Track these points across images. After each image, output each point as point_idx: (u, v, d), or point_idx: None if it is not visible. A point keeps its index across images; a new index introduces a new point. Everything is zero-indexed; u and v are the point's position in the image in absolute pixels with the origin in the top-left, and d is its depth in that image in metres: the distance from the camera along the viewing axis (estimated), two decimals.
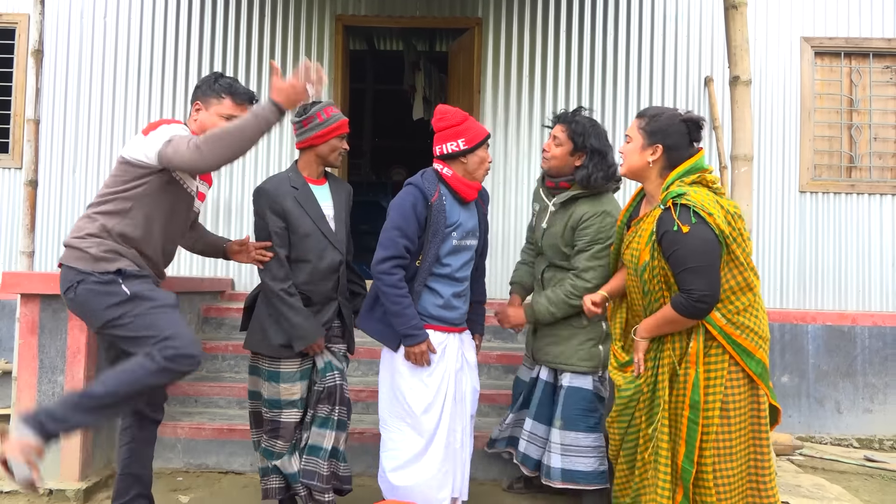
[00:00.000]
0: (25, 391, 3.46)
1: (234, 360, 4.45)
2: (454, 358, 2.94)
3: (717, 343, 2.54)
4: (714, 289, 2.46)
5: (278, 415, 2.96)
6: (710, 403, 2.53)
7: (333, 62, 5.51)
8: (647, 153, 2.64)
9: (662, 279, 2.58)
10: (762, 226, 5.34)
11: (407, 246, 2.84)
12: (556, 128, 3.24)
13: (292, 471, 2.96)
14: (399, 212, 2.87)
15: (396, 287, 2.82)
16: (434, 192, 2.89)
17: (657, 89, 5.38)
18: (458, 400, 2.95)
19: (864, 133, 5.40)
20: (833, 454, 4.65)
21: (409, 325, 2.82)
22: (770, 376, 2.70)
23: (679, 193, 2.51)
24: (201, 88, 2.78)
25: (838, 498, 3.76)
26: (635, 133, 2.68)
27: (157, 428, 2.89)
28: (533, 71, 5.43)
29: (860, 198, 5.34)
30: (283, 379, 2.95)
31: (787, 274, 5.33)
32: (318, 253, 2.96)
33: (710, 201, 2.50)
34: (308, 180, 3.03)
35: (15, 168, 5.31)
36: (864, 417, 5.18)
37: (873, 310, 5.30)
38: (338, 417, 2.98)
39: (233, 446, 3.79)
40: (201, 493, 3.51)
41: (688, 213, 2.47)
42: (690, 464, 2.53)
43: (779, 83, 5.37)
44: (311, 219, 2.95)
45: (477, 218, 3.04)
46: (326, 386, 2.97)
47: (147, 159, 2.54)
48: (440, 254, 2.90)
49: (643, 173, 2.69)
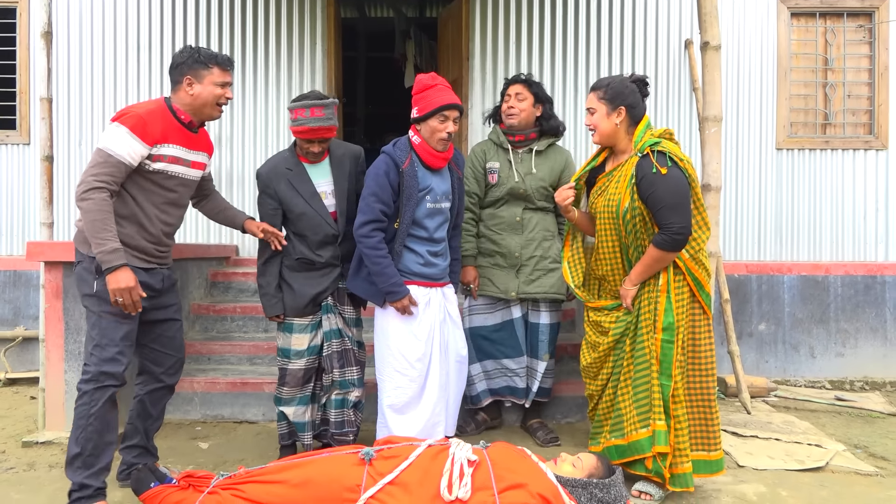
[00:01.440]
0: (53, 351, 3.74)
1: (241, 321, 4.73)
2: (437, 310, 3.23)
3: (681, 276, 2.96)
4: (688, 222, 2.85)
5: (286, 363, 3.28)
6: (680, 325, 2.94)
7: (326, 31, 5.66)
8: (614, 117, 2.97)
9: (640, 220, 2.93)
10: (741, 182, 5.58)
11: (383, 210, 3.10)
12: (514, 87, 3.62)
13: (303, 420, 3.30)
14: (374, 179, 3.13)
15: (376, 248, 3.09)
16: (405, 159, 3.13)
17: (639, 52, 5.58)
18: (443, 348, 3.24)
19: (838, 91, 5.61)
20: (806, 395, 4.97)
21: (390, 283, 3.10)
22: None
23: (655, 142, 2.88)
24: (186, 63, 2.86)
25: (805, 432, 4.08)
26: (597, 104, 3.01)
27: (168, 391, 3.13)
28: (520, 38, 5.62)
29: (834, 153, 5.59)
30: (293, 330, 3.28)
31: (764, 227, 5.59)
32: (313, 228, 3.24)
33: (679, 150, 2.89)
34: (304, 160, 3.27)
35: (23, 144, 5.52)
36: (836, 361, 5.51)
37: (846, 259, 5.57)
38: (352, 377, 3.31)
39: (246, 398, 4.10)
40: (219, 440, 3.81)
41: (664, 158, 2.84)
42: (668, 379, 2.93)
43: (756, 44, 5.56)
44: (303, 199, 3.22)
45: (450, 181, 3.28)
46: (333, 350, 3.27)
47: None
48: (416, 216, 3.16)
49: (614, 135, 3.02)
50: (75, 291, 3.70)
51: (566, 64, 5.58)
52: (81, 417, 2.70)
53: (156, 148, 2.78)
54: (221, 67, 2.90)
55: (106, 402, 2.72)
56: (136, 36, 5.54)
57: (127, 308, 2.70)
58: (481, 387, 3.80)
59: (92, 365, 2.73)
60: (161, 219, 2.89)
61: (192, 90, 2.87)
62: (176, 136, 2.87)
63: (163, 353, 3.03)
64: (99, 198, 2.65)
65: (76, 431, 2.71)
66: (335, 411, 3.29)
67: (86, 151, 5.49)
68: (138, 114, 2.76)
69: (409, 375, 3.16)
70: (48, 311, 3.74)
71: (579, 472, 2.79)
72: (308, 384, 3.32)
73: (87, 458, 2.70)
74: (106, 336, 2.74)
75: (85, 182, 2.67)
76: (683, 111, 5.56)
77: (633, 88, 3.01)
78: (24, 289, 5.43)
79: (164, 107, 2.88)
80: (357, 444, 3.11)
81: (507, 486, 2.60)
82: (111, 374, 2.73)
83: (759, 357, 5.48)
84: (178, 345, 3.09)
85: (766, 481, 3.33)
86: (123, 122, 2.72)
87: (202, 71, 2.87)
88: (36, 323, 5.32)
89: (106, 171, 2.68)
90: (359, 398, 3.33)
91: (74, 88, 5.51)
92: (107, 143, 2.71)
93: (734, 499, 3.13)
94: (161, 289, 2.95)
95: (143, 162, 2.77)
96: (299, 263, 3.27)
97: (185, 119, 2.91)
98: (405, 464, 2.71)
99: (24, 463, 3.46)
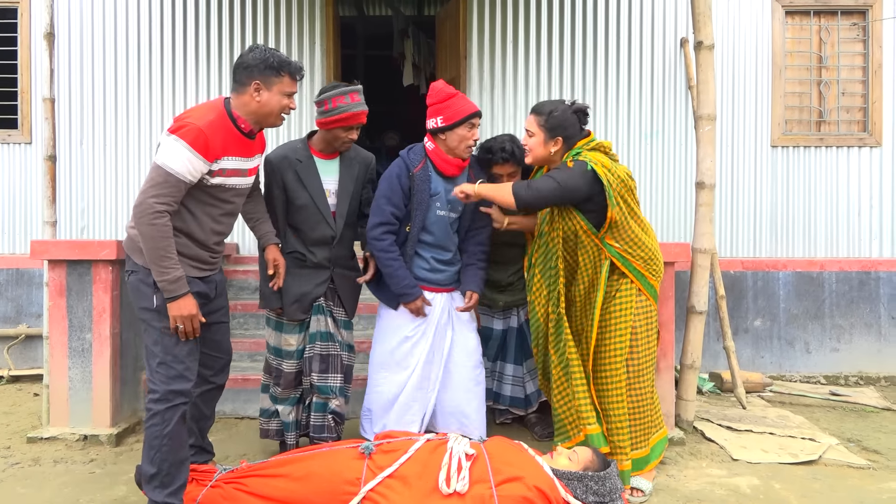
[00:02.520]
0: (57, 348, 3.79)
1: (243, 318, 4.78)
2: (438, 314, 3.28)
3: (625, 279, 3.07)
4: (539, 197, 2.98)
5: (280, 363, 3.28)
6: (626, 327, 3.08)
7: (325, 30, 5.70)
8: (550, 145, 3.09)
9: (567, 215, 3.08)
10: (736, 180, 5.63)
11: (394, 213, 3.15)
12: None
13: (288, 420, 3.31)
14: (386, 181, 3.19)
15: (387, 251, 3.14)
16: (418, 163, 3.18)
17: (635, 51, 5.62)
18: (436, 350, 3.29)
19: (832, 89, 5.66)
20: (801, 390, 5.02)
21: (402, 285, 3.16)
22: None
23: (577, 153, 3.03)
24: (257, 67, 2.66)
25: (799, 426, 4.14)
26: (536, 129, 3.09)
27: (219, 390, 3.07)
28: (517, 37, 5.66)
29: (828, 151, 5.63)
30: (283, 329, 3.27)
31: (759, 224, 5.64)
32: (312, 225, 3.19)
33: (604, 160, 2.99)
34: (316, 154, 3.22)
35: (24, 143, 5.56)
36: (831, 356, 5.56)
37: (840, 256, 5.62)
38: (334, 385, 3.23)
39: (247, 394, 4.15)
40: (221, 435, 3.86)
41: (582, 163, 2.96)
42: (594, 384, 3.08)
43: (751, 42, 5.60)
44: (308, 193, 3.16)
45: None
46: (316, 353, 3.22)
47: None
48: (425, 222, 3.20)
49: (547, 160, 3.15)
50: (78, 289, 3.77)
51: (563, 63, 5.62)
52: (155, 438, 2.60)
53: (216, 163, 2.61)
54: (292, 77, 2.73)
55: (178, 420, 2.62)
56: (137, 36, 5.58)
57: (186, 335, 2.61)
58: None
59: (160, 383, 2.61)
60: (215, 229, 2.76)
61: (259, 97, 2.68)
62: (235, 147, 2.69)
63: (212, 355, 2.94)
64: (161, 223, 2.51)
65: (150, 451, 2.62)
66: (316, 414, 3.25)
67: (87, 151, 5.53)
68: (199, 127, 2.55)
69: (393, 379, 3.26)
70: (52, 308, 3.79)
71: (575, 465, 2.85)
72: (299, 386, 3.32)
73: (165, 477, 2.62)
74: (170, 353, 2.62)
75: (145, 204, 2.51)
76: (679, 109, 5.60)
77: (574, 120, 3.07)
78: (26, 287, 5.47)
79: (223, 115, 2.67)
80: (357, 439, 3.16)
81: (504, 479, 2.66)
82: (180, 392, 2.62)
83: (755, 353, 5.53)
84: (227, 347, 3.03)
85: (759, 474, 3.39)
86: (183, 137, 2.52)
87: (273, 78, 2.68)
88: (38, 321, 5.36)
89: (166, 192, 2.52)
90: (339, 407, 3.24)
91: (76, 88, 5.55)
92: (165, 159, 2.52)
93: (728, 492, 3.18)
94: (213, 295, 2.86)
95: (202, 178, 2.62)
96: (291, 258, 3.21)
97: (245, 128, 2.72)
98: (404, 457, 2.77)
99: (30, 458, 3.51)
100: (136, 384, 4.09)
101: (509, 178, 3.47)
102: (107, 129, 5.56)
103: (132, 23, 5.58)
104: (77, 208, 5.53)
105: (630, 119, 5.62)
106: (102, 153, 5.55)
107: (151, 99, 5.57)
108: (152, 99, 5.57)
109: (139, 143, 5.55)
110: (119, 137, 5.55)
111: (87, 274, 3.76)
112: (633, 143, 5.61)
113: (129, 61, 5.57)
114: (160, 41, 5.59)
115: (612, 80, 5.62)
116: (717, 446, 3.78)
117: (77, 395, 3.80)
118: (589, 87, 5.60)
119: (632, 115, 5.61)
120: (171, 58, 5.59)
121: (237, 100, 2.70)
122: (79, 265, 3.77)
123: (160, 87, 5.57)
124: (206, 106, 2.71)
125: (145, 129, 5.56)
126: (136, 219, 2.53)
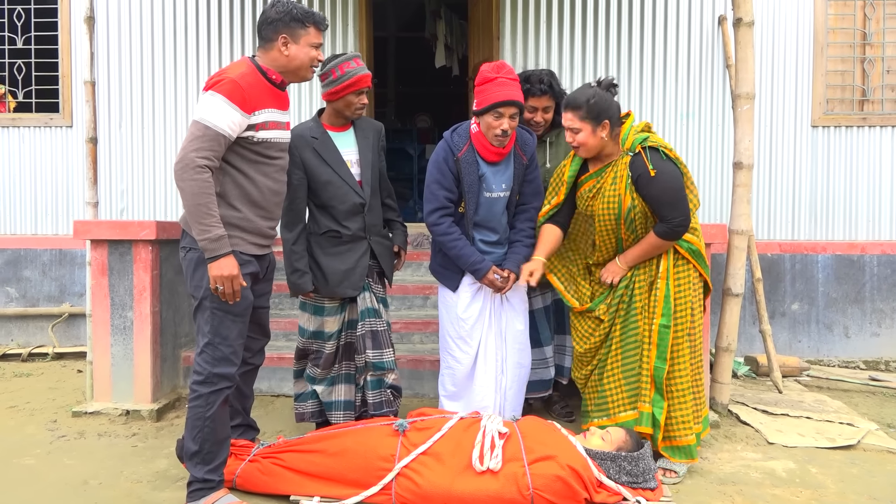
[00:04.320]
0: (100, 326, 3.90)
1: (277, 298, 4.84)
2: (490, 294, 3.26)
3: (683, 260, 3.08)
4: (687, 213, 2.98)
5: (322, 345, 3.30)
6: (687, 307, 3.08)
7: (357, 11, 5.70)
8: (600, 132, 3.02)
9: (641, 215, 3.05)
10: (775, 160, 5.51)
11: (447, 196, 3.15)
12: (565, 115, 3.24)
13: (329, 400, 3.32)
14: (434, 166, 3.19)
15: (447, 234, 3.15)
16: (463, 146, 3.14)
17: (671, 30, 5.51)
18: (496, 333, 3.28)
19: (876, 66, 5.49)
20: (839, 375, 4.94)
21: (471, 262, 3.15)
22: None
23: (643, 138, 2.98)
24: (282, 20, 2.64)
25: (837, 411, 4.08)
26: (579, 124, 3.01)
27: (255, 370, 3.11)
28: (550, 17, 5.59)
29: (872, 130, 5.48)
30: (325, 313, 3.29)
31: (798, 206, 5.52)
32: (340, 198, 3.19)
33: (664, 141, 3.01)
34: (329, 128, 3.24)
35: (66, 126, 5.68)
36: (871, 341, 5.45)
37: (883, 239, 5.49)
38: (389, 359, 3.29)
39: (283, 373, 4.22)
40: (258, 412, 3.91)
41: (655, 153, 2.95)
42: (663, 362, 3.02)
43: (791, 19, 5.45)
44: (330, 167, 3.17)
45: (512, 169, 3.22)
46: (368, 329, 3.26)
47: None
48: (476, 203, 3.18)
49: (602, 147, 3.08)
50: (120, 268, 3.87)
51: (597, 43, 5.54)
52: (198, 419, 2.62)
53: (255, 115, 2.59)
54: (318, 27, 2.70)
55: (220, 404, 2.64)
56: (173, 18, 5.64)
57: (226, 297, 2.56)
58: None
59: (205, 365, 2.62)
60: (271, 188, 2.73)
61: (287, 51, 2.66)
62: (270, 98, 2.67)
63: (252, 337, 2.95)
64: (202, 178, 2.47)
65: (192, 431, 2.63)
66: (372, 392, 3.28)
67: (126, 133, 5.63)
68: (232, 79, 2.53)
69: (457, 357, 3.26)
70: (94, 287, 3.89)
71: (608, 445, 2.85)
72: (336, 364, 3.34)
73: (206, 455, 2.65)
74: (219, 334, 2.62)
75: (186, 159, 2.47)
76: (717, 89, 5.49)
77: (609, 97, 3.05)
78: (69, 266, 5.61)
79: (252, 68, 2.65)
80: (391, 416, 3.20)
81: (537, 458, 2.67)
82: (225, 376, 2.64)
83: (792, 337, 5.44)
84: (266, 330, 3.07)
85: (795, 458, 3.35)
86: (219, 90, 2.51)
87: (299, 30, 2.65)
88: (81, 300, 5.51)
89: (206, 146, 2.48)
90: (396, 381, 3.31)
91: (114, 71, 5.64)
92: (204, 113, 2.50)
93: (763, 475, 3.16)
94: (263, 276, 2.87)
95: (248, 135, 2.60)
96: (326, 238, 3.23)
97: (276, 79, 2.69)
98: (438, 435, 2.80)
99: (75, 431, 3.63)
100: (175, 361, 4.19)
101: (544, 112, 3.51)
102: (145, 111, 5.65)
103: (169, 4, 5.65)
104: (117, 190, 5.65)
105: (666, 99, 5.52)
106: (141, 135, 5.65)
107: (188, 81, 5.64)
108: (188, 81, 5.64)
109: (177, 125, 5.63)
110: (157, 119, 5.64)
111: (128, 253, 3.85)
112: (669, 124, 5.52)
113: (167, 43, 5.65)
114: (196, 23, 5.65)
115: (648, 59, 5.53)
116: (752, 430, 3.75)
117: (119, 372, 3.91)
118: (624, 67, 5.51)
119: (667, 95, 5.52)
120: (207, 40, 5.65)
121: (265, 56, 2.69)
122: (120, 245, 3.86)
123: (196, 69, 5.63)
124: (233, 64, 2.71)
125: (183, 112, 5.63)
126: (178, 175, 2.49)
